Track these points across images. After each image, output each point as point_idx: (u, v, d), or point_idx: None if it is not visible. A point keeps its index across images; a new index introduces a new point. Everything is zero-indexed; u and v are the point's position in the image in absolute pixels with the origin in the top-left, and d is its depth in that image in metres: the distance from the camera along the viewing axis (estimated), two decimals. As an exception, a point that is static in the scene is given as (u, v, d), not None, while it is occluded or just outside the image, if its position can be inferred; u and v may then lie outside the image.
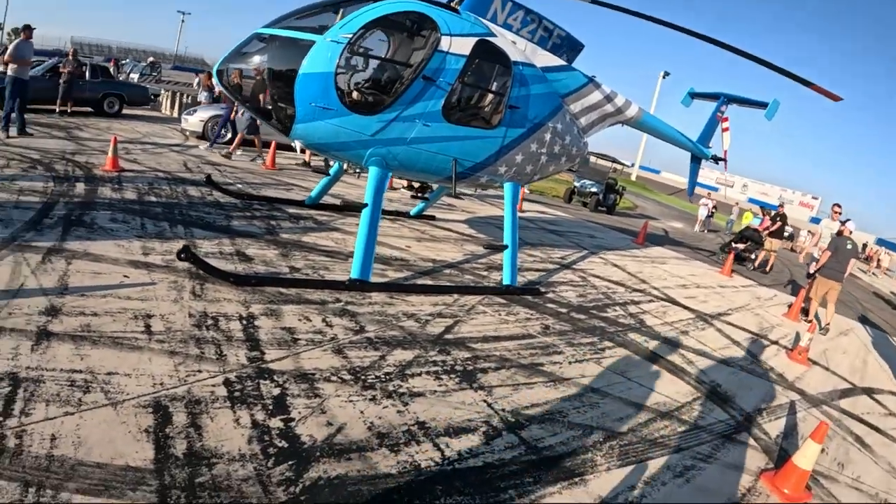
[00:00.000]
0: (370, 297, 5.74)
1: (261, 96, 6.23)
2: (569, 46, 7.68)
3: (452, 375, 4.45)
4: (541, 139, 7.46)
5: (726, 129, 12.72)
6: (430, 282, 6.73)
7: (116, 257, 5.32)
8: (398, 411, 3.79)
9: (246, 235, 6.84)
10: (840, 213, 11.11)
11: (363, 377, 4.08)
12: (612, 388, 5.18)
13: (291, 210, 8.81)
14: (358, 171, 6.89)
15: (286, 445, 3.14)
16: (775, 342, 8.36)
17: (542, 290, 7.69)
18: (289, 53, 5.49)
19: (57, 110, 14.63)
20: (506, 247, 7.23)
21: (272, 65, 5.60)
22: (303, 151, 13.63)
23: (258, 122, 12.16)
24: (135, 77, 28.58)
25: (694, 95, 13.61)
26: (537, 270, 8.81)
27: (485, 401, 4.20)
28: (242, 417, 3.28)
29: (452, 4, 6.62)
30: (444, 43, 6.06)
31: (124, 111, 17.11)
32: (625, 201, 26.98)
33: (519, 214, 13.96)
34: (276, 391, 3.63)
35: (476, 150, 6.78)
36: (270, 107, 5.79)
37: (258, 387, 3.62)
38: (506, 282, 7.11)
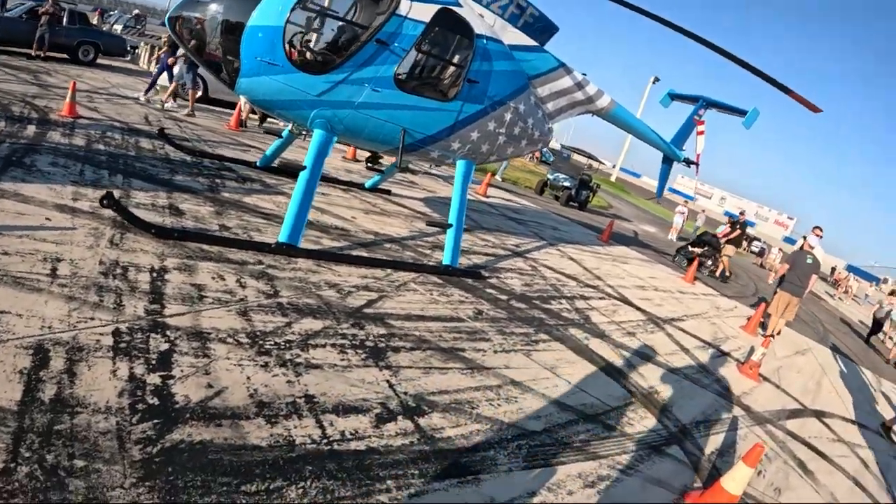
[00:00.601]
0: (296, 262, 5.37)
1: (209, 47, 5.71)
2: (541, 28, 7.23)
3: (360, 351, 4.08)
4: (500, 118, 7.00)
5: (701, 133, 12.31)
6: (364, 254, 6.28)
7: (45, 200, 5.05)
8: (288, 381, 3.47)
9: (185, 191, 6.47)
10: (821, 236, 10.50)
11: (261, 342, 3.78)
12: (536, 384, 4.67)
13: (243, 171, 8.38)
14: (304, 133, 6.42)
15: (157, 403, 2.91)
16: (727, 354, 7.92)
17: (486, 274, 7.17)
18: (239, 3, 5.18)
19: (33, 54, 13.90)
20: (450, 225, 6.79)
21: (222, 14, 5.23)
22: (253, 112, 12.91)
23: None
24: (118, 28, 27.72)
25: (674, 97, 13.20)
26: (486, 255, 8.24)
27: (388, 381, 3.84)
28: (121, 370, 3.07)
29: None
30: (404, 7, 5.70)
31: (101, 61, 16.38)
32: (599, 199, 26.59)
33: (483, 199, 13.71)
34: (165, 346, 3.40)
35: (428, 121, 6.38)
36: (218, 58, 5.43)
37: (147, 340, 3.40)
38: (445, 261, 6.68)
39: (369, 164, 11.49)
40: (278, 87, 5.41)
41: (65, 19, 14.83)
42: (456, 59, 6.63)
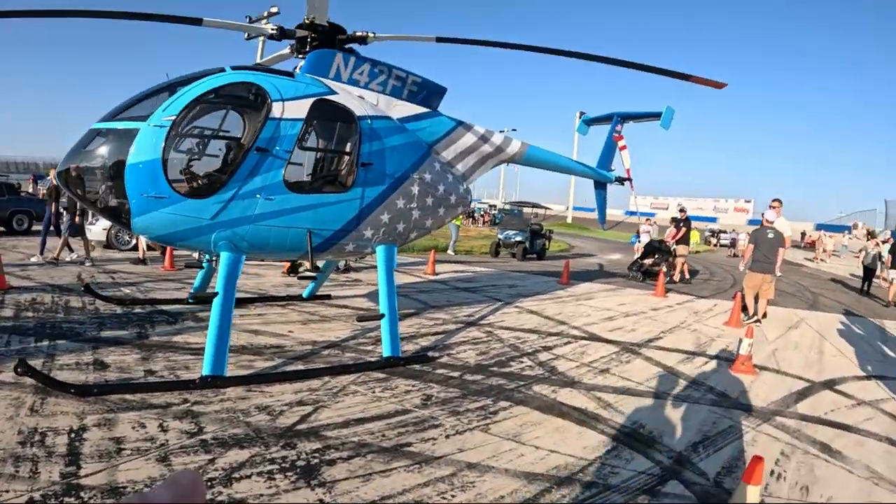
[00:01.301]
0: (225, 393, 4.95)
1: (101, 193, 5.50)
2: (429, 93, 7.11)
3: (289, 474, 3.63)
4: (407, 193, 6.70)
5: (623, 148, 12.19)
6: (301, 366, 5.84)
7: None
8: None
9: (112, 343, 6.18)
10: (779, 209, 10.25)
11: None
12: (496, 460, 4.04)
13: (174, 308, 8.03)
14: (214, 259, 6.15)
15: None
16: (715, 357, 7.33)
17: (435, 355, 6.61)
18: (118, 145, 5.10)
19: None
20: (382, 315, 6.30)
21: (106, 159, 5.16)
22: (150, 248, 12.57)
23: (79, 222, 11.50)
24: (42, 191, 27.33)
25: (589, 122, 13.19)
26: (436, 334, 7.67)
27: (320, 500, 3.37)
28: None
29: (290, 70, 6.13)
30: (276, 109, 5.54)
31: (36, 227, 15.79)
32: (559, 244, 26.36)
33: (431, 277, 13.21)
34: None
35: (332, 217, 6.10)
36: (111, 203, 5.25)
37: None
38: (385, 354, 6.13)
39: (291, 274, 11.04)
40: (172, 220, 5.23)
41: None
42: (343, 147, 6.45)
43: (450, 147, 7.43)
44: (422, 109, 7.06)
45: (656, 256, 15.43)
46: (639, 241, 23.59)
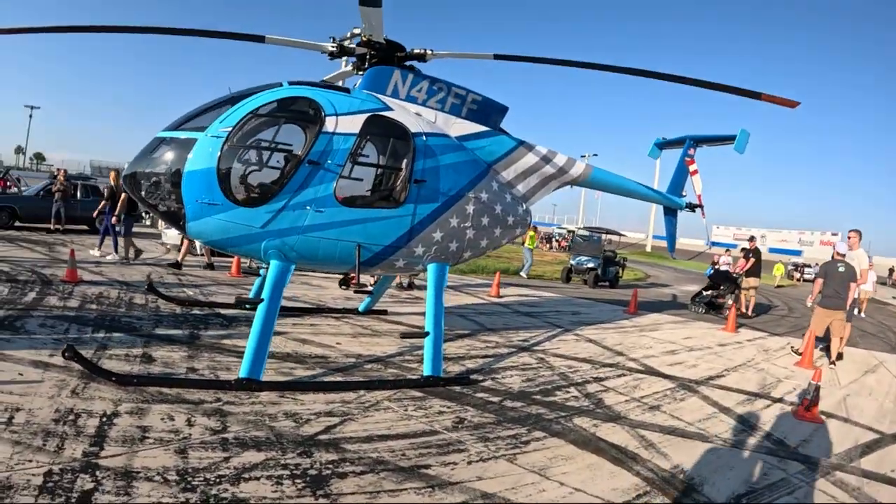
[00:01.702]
0: (258, 397, 5.06)
1: (161, 197, 5.82)
2: (489, 111, 7.14)
3: (298, 481, 3.63)
4: (462, 212, 6.69)
5: (695, 173, 11.75)
6: (340, 378, 5.91)
7: (22, 357, 5.31)
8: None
9: (163, 339, 6.49)
10: (856, 240, 9.76)
11: (190, 479, 3.51)
12: (515, 493, 3.89)
13: (231, 312, 8.30)
14: (265, 266, 6.41)
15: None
16: (778, 400, 6.87)
17: (480, 377, 6.51)
18: (179, 153, 5.41)
19: (52, 228, 15.52)
20: (427, 333, 6.26)
21: (167, 166, 5.47)
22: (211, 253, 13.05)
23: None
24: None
25: (661, 145, 12.83)
26: (485, 357, 7.59)
27: None
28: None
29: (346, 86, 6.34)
30: (330, 124, 5.74)
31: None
32: (635, 272, 25.58)
33: (495, 300, 13.12)
34: (90, 485, 3.30)
35: (382, 232, 6.18)
36: (171, 208, 5.56)
37: (74, 480, 3.34)
38: (426, 373, 6.08)
39: (343, 286, 11.22)
40: (224, 226, 5.47)
41: (79, 193, 16.25)
42: (396, 163, 6.48)
43: (510, 167, 7.40)
44: (481, 128, 7.03)
45: (721, 288, 14.70)
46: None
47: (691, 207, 11.89)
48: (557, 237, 49.66)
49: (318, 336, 7.52)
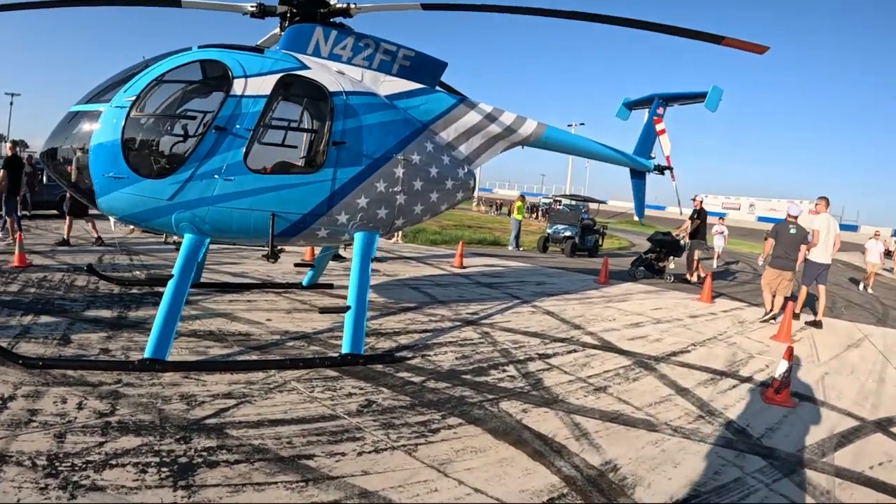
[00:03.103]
0: (161, 377, 4.73)
1: (74, 173, 5.58)
2: (425, 67, 6.67)
3: (164, 469, 3.31)
4: (390, 176, 6.18)
5: (662, 132, 10.92)
6: (255, 357, 5.44)
7: None
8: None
9: (89, 321, 6.13)
10: (822, 206, 9.56)
11: (58, 464, 3.28)
12: (399, 493, 3.27)
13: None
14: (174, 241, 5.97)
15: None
16: (747, 379, 6.11)
17: (408, 355, 5.83)
18: (85, 126, 5.18)
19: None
20: (348, 308, 5.65)
21: (78, 140, 5.25)
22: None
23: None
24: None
25: (630, 106, 12.00)
26: (424, 332, 6.85)
27: None
28: None
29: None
30: (238, 86, 5.37)
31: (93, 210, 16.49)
32: (620, 240, 24.79)
33: (457, 271, 12.30)
34: None
35: (298, 199, 5.74)
36: (82, 183, 5.32)
37: None
38: (345, 350, 5.49)
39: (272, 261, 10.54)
40: (132, 200, 5.22)
41: (44, 178, 15.22)
42: (313, 125, 6.12)
43: (450, 126, 6.88)
44: (415, 85, 6.58)
45: (661, 251, 13.96)
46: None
47: (660, 170, 11.22)
48: (544, 207, 48.72)
49: (250, 312, 6.99)
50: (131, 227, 11.82)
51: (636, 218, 12.41)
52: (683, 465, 3.93)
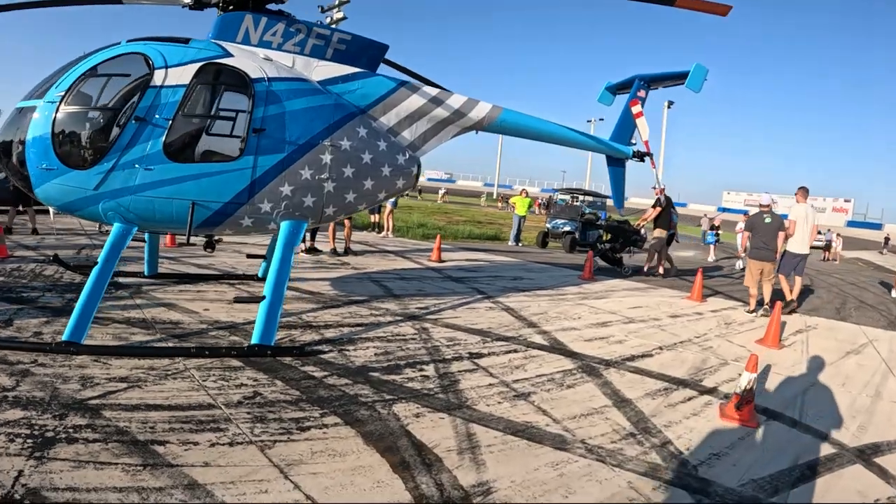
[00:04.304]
0: (72, 359, 4.74)
1: (17, 167, 5.74)
2: (362, 50, 6.58)
3: (29, 441, 3.31)
4: (316, 162, 6.01)
5: (639, 115, 10.15)
6: (171, 345, 5.38)
7: None
8: None
9: (40, 307, 6.20)
10: (801, 196, 9.62)
11: None
12: (225, 489, 3.02)
13: (133, 281, 7.76)
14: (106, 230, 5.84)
15: None
16: (709, 391, 5.34)
17: (324, 349, 5.51)
18: (24, 121, 5.41)
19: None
20: (262, 298, 5.48)
21: (17, 135, 5.46)
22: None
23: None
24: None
25: (613, 90, 11.42)
26: (358, 326, 6.38)
27: (19, 472, 2.98)
28: None
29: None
30: (158, 77, 5.51)
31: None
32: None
33: (432, 265, 11.64)
34: None
35: (218, 188, 5.69)
36: (21, 177, 5.54)
37: None
38: (254, 341, 5.32)
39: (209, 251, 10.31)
40: (63, 190, 5.41)
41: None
42: (232, 113, 6.01)
43: (390, 111, 6.70)
44: (350, 69, 6.46)
45: (620, 241, 13.37)
46: (715, 240, 21.17)
47: (639, 156, 10.47)
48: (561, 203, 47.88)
49: (192, 302, 6.86)
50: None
51: (617, 210, 11.61)
52: (576, 497, 3.20)
